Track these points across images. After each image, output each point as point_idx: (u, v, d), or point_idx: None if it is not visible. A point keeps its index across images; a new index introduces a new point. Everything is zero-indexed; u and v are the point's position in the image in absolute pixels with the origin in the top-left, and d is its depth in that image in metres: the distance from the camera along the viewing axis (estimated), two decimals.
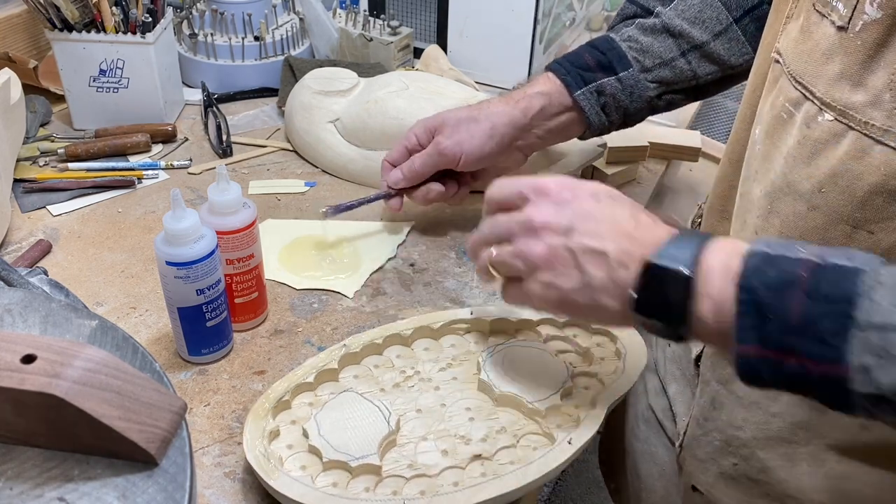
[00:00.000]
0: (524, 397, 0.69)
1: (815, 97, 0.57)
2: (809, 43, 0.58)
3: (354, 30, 1.28)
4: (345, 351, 0.73)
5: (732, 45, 0.85)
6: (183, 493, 0.45)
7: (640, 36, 0.86)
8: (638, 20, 0.88)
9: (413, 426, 0.67)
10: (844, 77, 0.55)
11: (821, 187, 0.58)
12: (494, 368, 0.72)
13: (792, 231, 0.61)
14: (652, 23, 0.86)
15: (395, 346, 0.76)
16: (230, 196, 0.73)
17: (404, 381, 0.72)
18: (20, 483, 0.44)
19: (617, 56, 0.86)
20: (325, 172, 1.07)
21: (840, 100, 0.55)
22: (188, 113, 1.20)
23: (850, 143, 0.55)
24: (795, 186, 0.60)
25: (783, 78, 0.61)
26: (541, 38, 1.29)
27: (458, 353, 0.76)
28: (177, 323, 0.73)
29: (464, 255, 0.92)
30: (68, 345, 0.45)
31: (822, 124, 0.57)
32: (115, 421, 0.44)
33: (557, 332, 0.78)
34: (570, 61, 0.87)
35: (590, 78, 0.86)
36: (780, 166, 0.61)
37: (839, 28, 0.55)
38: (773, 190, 0.62)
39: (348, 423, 0.66)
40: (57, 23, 1.04)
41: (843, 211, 0.57)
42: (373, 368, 0.73)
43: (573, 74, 0.86)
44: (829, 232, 0.58)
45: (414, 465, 0.64)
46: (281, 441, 0.66)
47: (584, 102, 0.86)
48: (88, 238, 0.93)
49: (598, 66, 0.86)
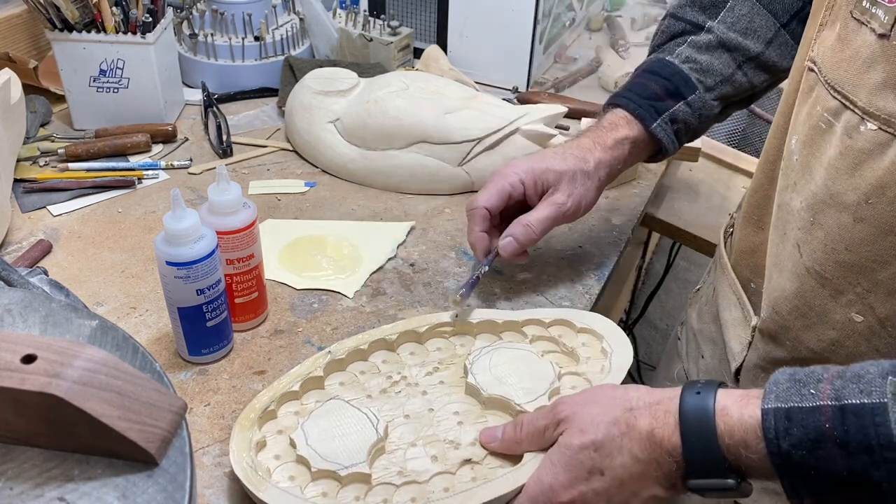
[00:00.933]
0: (512, 399, 0.68)
1: (857, 106, 0.56)
2: (848, 51, 0.58)
3: (354, 30, 1.28)
4: (330, 358, 0.72)
5: (783, 50, 0.84)
6: (183, 493, 0.45)
7: (697, 55, 0.84)
8: (690, 38, 0.85)
9: (401, 432, 0.67)
10: (888, 86, 0.54)
11: (867, 198, 0.57)
12: (481, 371, 0.71)
13: (837, 243, 0.60)
14: (707, 39, 0.84)
15: (381, 351, 0.75)
16: (230, 196, 0.73)
17: (391, 386, 0.71)
18: (20, 483, 0.44)
19: (682, 80, 0.84)
20: (325, 172, 1.07)
21: (884, 109, 0.54)
22: (188, 113, 1.20)
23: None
24: (839, 198, 0.59)
25: (819, 87, 0.60)
26: (541, 38, 1.29)
27: (444, 356, 0.75)
28: (177, 323, 0.73)
29: (464, 255, 0.92)
30: (68, 345, 0.45)
31: (864, 134, 0.56)
32: (116, 421, 0.44)
33: (543, 333, 0.77)
34: (638, 94, 0.84)
35: (661, 108, 0.83)
36: (822, 177, 0.60)
37: (881, 36, 0.54)
38: (815, 202, 0.61)
39: (336, 431, 0.65)
40: (57, 23, 1.04)
41: (893, 222, 0.56)
42: (359, 375, 0.73)
43: (645, 107, 0.83)
44: (878, 244, 0.57)
45: (404, 472, 0.63)
46: (268, 452, 0.65)
47: (661, 134, 0.83)
48: (88, 238, 0.93)
49: (666, 94, 0.84)
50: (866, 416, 0.46)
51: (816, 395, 0.48)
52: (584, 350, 0.75)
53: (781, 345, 0.70)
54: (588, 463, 0.56)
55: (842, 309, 0.63)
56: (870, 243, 0.58)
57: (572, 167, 0.80)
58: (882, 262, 0.58)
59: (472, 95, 1.06)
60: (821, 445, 0.47)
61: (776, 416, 0.49)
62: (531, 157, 0.83)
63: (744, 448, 0.50)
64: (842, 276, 0.62)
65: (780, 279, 0.68)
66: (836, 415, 0.47)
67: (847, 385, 0.48)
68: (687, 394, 0.54)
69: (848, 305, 0.62)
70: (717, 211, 1.17)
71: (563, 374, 0.72)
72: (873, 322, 0.61)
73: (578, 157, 0.82)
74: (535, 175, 0.80)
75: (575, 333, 0.77)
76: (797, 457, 0.48)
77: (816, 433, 0.47)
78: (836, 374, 0.49)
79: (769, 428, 0.49)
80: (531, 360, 0.72)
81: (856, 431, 0.46)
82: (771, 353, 0.72)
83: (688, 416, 0.53)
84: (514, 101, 1.23)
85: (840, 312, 0.63)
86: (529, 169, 0.81)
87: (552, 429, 0.60)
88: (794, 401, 0.49)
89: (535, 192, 0.81)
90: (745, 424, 0.50)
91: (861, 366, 0.49)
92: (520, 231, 0.80)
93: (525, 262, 0.85)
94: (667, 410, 0.55)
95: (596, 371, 0.72)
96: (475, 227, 0.81)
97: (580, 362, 0.74)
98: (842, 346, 0.65)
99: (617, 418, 0.56)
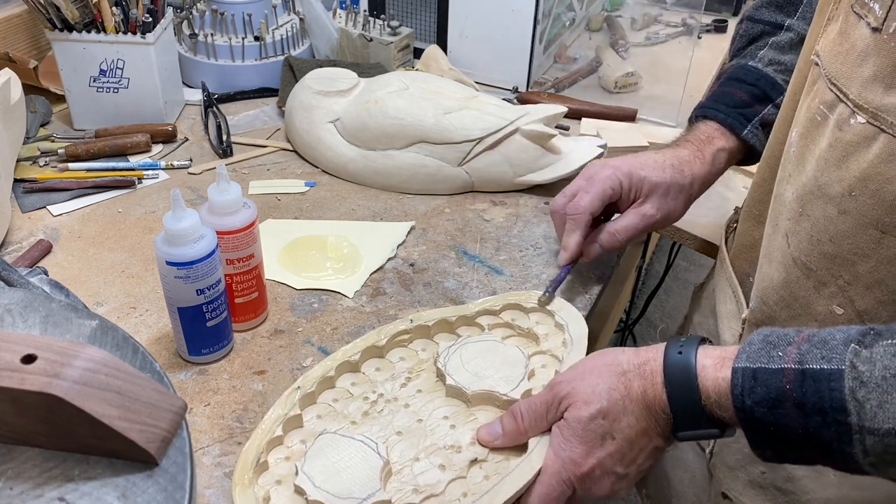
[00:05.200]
0: (496, 391, 0.68)
1: (849, 99, 0.57)
2: (846, 44, 0.58)
3: (354, 30, 1.28)
4: (300, 393, 0.69)
5: None
6: (183, 493, 0.45)
7: (780, 56, 0.84)
8: (770, 39, 0.85)
9: (400, 450, 0.65)
10: (878, 79, 0.54)
11: (851, 191, 0.57)
12: (457, 370, 0.70)
13: (822, 234, 0.60)
14: (788, 38, 0.84)
15: (347, 374, 0.73)
16: (230, 196, 0.73)
17: (371, 407, 0.69)
18: (20, 483, 0.44)
19: (769, 84, 0.83)
20: (325, 172, 1.07)
21: (873, 102, 0.55)
22: (188, 113, 1.20)
23: (882, 146, 0.54)
24: (826, 189, 0.59)
25: (820, 80, 0.61)
26: (541, 38, 1.29)
27: (410, 364, 0.74)
28: (177, 323, 0.73)
29: (464, 255, 0.92)
30: (68, 345, 0.45)
31: (854, 127, 0.56)
32: (115, 421, 0.44)
33: (497, 320, 0.78)
34: (725, 103, 0.84)
35: (750, 114, 0.83)
36: (812, 169, 0.60)
37: (874, 29, 0.54)
38: (804, 193, 0.62)
39: (339, 466, 0.62)
40: (57, 23, 1.04)
41: (873, 215, 0.56)
42: (332, 403, 0.70)
43: (734, 116, 0.83)
44: (859, 236, 0.58)
45: (419, 489, 0.62)
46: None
47: (753, 139, 0.83)
48: (88, 238, 0.93)
49: (754, 100, 0.84)
50: (823, 381, 0.49)
51: (783, 356, 0.51)
52: (540, 328, 0.76)
53: None
54: (599, 430, 0.59)
55: (824, 301, 0.63)
56: (851, 236, 0.58)
57: (668, 180, 0.81)
58: (862, 255, 0.59)
59: (472, 95, 1.06)
60: (780, 404, 0.50)
61: (744, 375, 0.52)
62: (631, 160, 0.83)
63: (717, 407, 0.54)
64: (825, 268, 0.62)
65: (769, 269, 0.69)
66: (798, 377, 0.50)
67: (812, 350, 0.50)
68: (670, 352, 0.57)
69: (830, 297, 0.63)
70: (717, 211, 1.16)
71: (531, 355, 0.72)
72: (853, 315, 0.62)
73: (676, 169, 0.82)
74: (633, 182, 0.81)
75: (526, 314, 0.78)
76: (759, 413, 0.51)
77: (777, 393, 0.50)
78: (805, 337, 0.52)
79: (736, 385, 0.52)
80: (499, 349, 0.73)
81: (812, 394, 0.49)
82: None
83: (672, 376, 0.56)
84: (514, 101, 1.23)
85: (822, 304, 0.64)
86: (629, 174, 0.81)
87: (554, 409, 0.61)
88: (762, 362, 0.52)
89: (627, 197, 0.82)
90: (719, 384, 0.54)
91: (829, 331, 0.52)
92: (607, 239, 0.82)
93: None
94: (653, 370, 0.58)
95: (558, 345, 0.73)
96: (578, 232, 0.82)
97: (541, 341, 0.75)
98: None
99: (615, 384, 0.59)
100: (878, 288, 0.59)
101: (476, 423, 0.67)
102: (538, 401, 0.63)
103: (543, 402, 0.62)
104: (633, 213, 0.82)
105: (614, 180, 0.81)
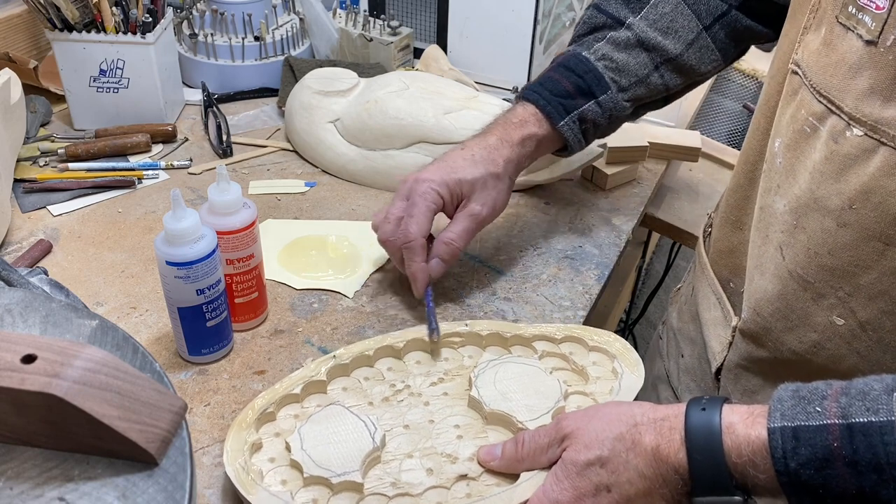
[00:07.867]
0: (514, 416, 0.67)
1: (843, 112, 0.56)
2: (834, 56, 0.57)
3: (354, 30, 1.28)
4: (334, 363, 0.71)
5: (703, 54, 0.83)
6: (183, 493, 0.45)
7: (614, 53, 0.83)
8: (610, 34, 0.84)
9: (399, 442, 0.66)
10: (875, 92, 0.54)
11: (851, 204, 0.56)
12: (486, 385, 0.70)
13: (820, 248, 0.60)
14: (626, 37, 0.83)
15: (387, 358, 0.74)
16: (230, 196, 0.73)
17: (393, 395, 0.70)
18: (20, 483, 0.44)
19: (595, 79, 0.83)
20: (325, 172, 1.07)
21: (871, 115, 0.54)
22: (188, 113, 1.20)
23: (883, 159, 0.54)
24: (823, 202, 0.59)
25: (804, 90, 0.60)
26: (541, 38, 1.29)
27: (451, 367, 0.74)
28: (177, 323, 0.73)
29: (464, 255, 0.92)
30: (68, 345, 0.45)
31: (850, 139, 0.56)
32: (115, 421, 0.44)
33: (553, 349, 0.75)
34: (549, 89, 0.84)
35: (570, 106, 0.83)
36: (806, 181, 0.60)
37: (868, 42, 0.54)
38: (798, 205, 0.61)
39: (332, 437, 0.64)
40: (57, 23, 1.04)
41: (876, 228, 0.56)
42: (363, 381, 0.72)
43: (554, 104, 0.83)
44: (860, 249, 0.57)
45: (397, 484, 0.62)
46: (263, 454, 0.64)
47: (568, 132, 0.83)
48: (88, 238, 0.93)
49: (577, 92, 0.83)
50: (875, 435, 0.46)
51: (823, 413, 0.48)
52: (595, 369, 0.73)
53: (763, 345, 0.70)
54: (595, 479, 0.56)
55: (823, 312, 0.63)
56: (852, 248, 0.58)
57: (483, 173, 0.80)
58: (864, 267, 0.58)
59: (472, 95, 1.06)
60: (829, 464, 0.47)
61: (783, 435, 0.49)
62: (440, 167, 0.81)
63: (751, 467, 0.50)
64: (824, 280, 0.61)
65: (761, 281, 0.68)
66: (845, 433, 0.47)
67: (853, 402, 0.48)
68: (692, 410, 0.54)
69: (829, 309, 0.62)
70: None
71: (571, 393, 0.70)
72: (854, 325, 0.61)
73: (487, 160, 0.81)
74: (451, 188, 0.80)
75: (587, 352, 0.75)
76: (805, 476, 0.48)
77: (825, 452, 0.47)
78: (841, 390, 0.49)
79: (776, 447, 0.49)
80: (538, 377, 0.71)
81: (865, 450, 0.46)
82: (752, 353, 0.72)
83: (694, 434, 0.53)
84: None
85: (822, 315, 0.63)
86: (443, 182, 0.79)
87: (556, 445, 0.59)
88: (801, 419, 0.49)
89: (451, 203, 0.81)
90: (752, 443, 0.50)
91: (865, 381, 0.49)
92: (444, 251, 0.80)
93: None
94: (672, 427, 0.54)
95: (605, 392, 0.70)
96: (417, 259, 0.79)
97: (589, 381, 0.72)
98: (823, 347, 0.65)
99: (622, 434, 0.56)
100: (882, 298, 0.59)
101: (485, 440, 0.66)
102: (542, 432, 0.61)
103: (546, 435, 0.61)
104: (461, 216, 0.80)
105: (434, 194, 0.79)
